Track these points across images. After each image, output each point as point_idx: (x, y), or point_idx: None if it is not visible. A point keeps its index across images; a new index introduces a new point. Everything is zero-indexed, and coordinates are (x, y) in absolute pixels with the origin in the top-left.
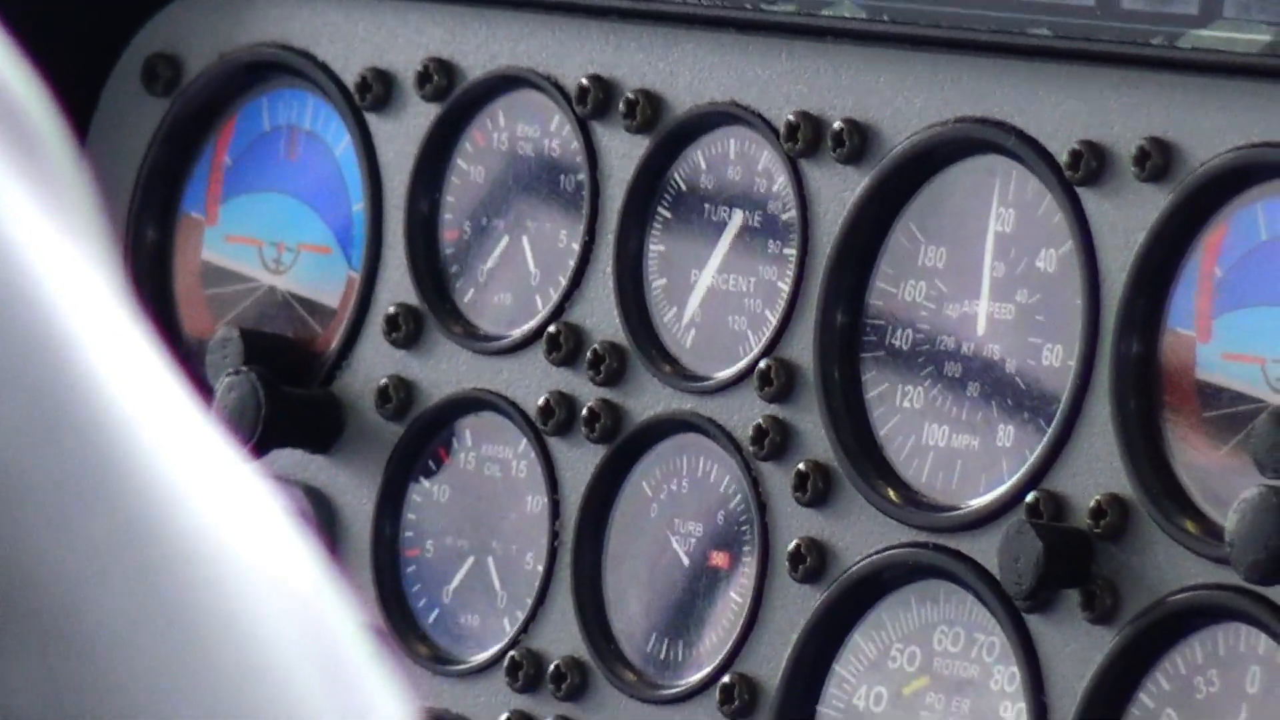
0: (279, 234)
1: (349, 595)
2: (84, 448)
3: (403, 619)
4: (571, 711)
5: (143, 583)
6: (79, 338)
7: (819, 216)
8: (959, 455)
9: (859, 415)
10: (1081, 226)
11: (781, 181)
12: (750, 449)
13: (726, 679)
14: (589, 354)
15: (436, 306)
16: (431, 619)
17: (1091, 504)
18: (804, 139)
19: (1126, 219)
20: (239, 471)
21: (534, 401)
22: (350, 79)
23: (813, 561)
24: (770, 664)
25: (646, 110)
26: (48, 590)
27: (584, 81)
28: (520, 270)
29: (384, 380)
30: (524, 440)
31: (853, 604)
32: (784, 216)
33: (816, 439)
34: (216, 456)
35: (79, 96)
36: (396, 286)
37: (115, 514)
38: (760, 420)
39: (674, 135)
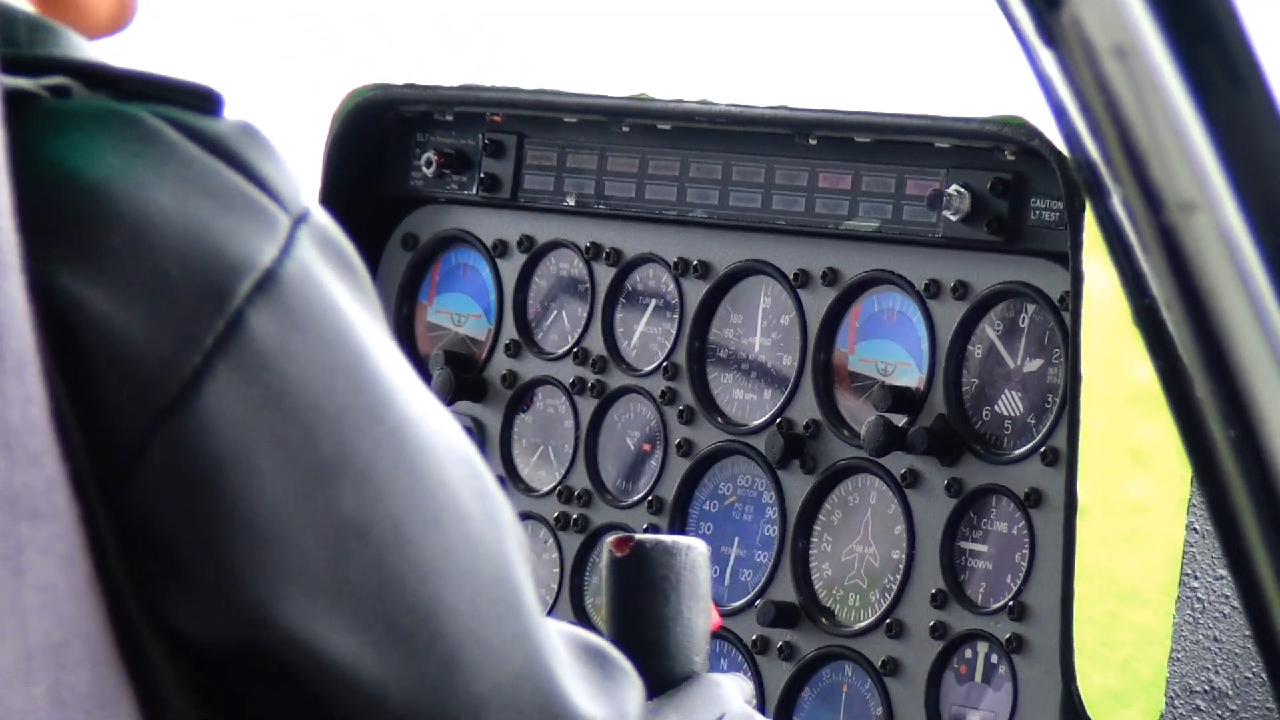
0: (459, 310)
1: (489, 465)
2: (392, 402)
3: (514, 478)
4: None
5: (410, 459)
6: (387, 356)
7: (689, 301)
8: (749, 400)
9: (704, 386)
10: (799, 307)
11: (672, 289)
12: (658, 400)
13: None
14: (586, 361)
15: (527, 340)
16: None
17: (805, 423)
18: (688, 268)
19: (818, 303)
20: (445, 410)
21: (567, 379)
22: (489, 243)
23: None
24: None
25: (611, 257)
26: (376, 462)
27: (588, 245)
28: (560, 326)
29: (505, 371)
30: (563, 395)
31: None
32: (673, 301)
33: (686, 395)
34: (438, 401)
35: (374, 253)
36: (509, 331)
37: (405, 429)
38: (664, 388)
39: (625, 267)
